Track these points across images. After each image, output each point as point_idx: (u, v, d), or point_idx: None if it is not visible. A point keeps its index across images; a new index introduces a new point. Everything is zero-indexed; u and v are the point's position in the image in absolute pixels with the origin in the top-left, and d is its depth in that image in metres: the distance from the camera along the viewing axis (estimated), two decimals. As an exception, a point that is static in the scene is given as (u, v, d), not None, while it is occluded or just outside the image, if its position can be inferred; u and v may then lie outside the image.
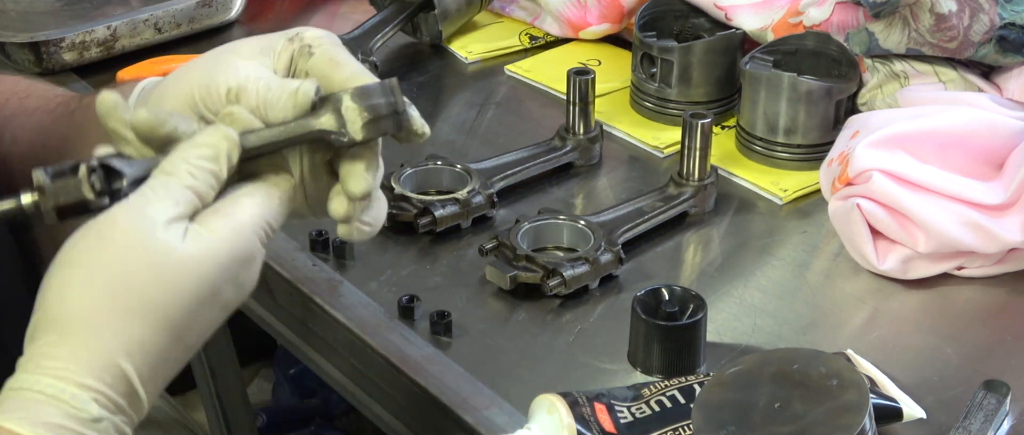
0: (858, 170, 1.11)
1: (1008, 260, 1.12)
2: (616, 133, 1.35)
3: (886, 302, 1.10)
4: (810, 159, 1.26)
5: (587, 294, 1.09)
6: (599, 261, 1.09)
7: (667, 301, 1.02)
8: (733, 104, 1.35)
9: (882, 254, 1.12)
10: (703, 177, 1.20)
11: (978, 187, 1.11)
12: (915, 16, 1.21)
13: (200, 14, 1.52)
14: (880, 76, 1.26)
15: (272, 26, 1.57)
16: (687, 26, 1.39)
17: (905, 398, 0.95)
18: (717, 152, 1.26)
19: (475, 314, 1.07)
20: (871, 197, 1.11)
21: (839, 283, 1.13)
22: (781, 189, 1.24)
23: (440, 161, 1.21)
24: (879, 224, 1.11)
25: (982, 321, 1.09)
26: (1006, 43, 1.21)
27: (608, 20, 1.47)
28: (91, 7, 1.50)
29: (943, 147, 1.14)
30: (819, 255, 1.17)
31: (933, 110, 1.18)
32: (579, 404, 0.90)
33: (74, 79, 1.44)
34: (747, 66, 1.27)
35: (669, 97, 1.34)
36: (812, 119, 1.25)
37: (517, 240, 1.10)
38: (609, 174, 1.29)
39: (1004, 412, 0.95)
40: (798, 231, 1.20)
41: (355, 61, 0.82)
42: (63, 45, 1.43)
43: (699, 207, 1.21)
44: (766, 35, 1.32)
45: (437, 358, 1.01)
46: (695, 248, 1.19)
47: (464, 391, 0.98)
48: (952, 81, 1.24)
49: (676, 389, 0.92)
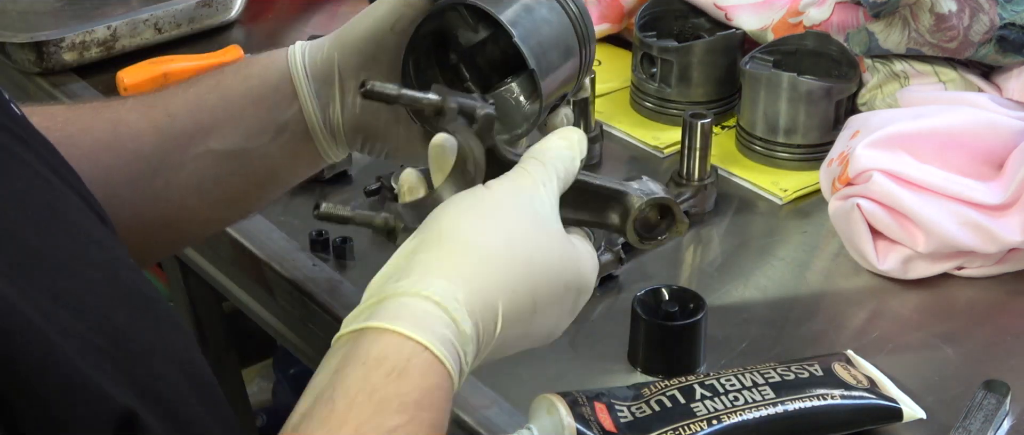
0: (858, 170, 1.11)
1: (1008, 260, 1.12)
2: (616, 133, 1.35)
3: (886, 302, 1.10)
4: (810, 159, 1.26)
5: (587, 294, 1.09)
6: (599, 261, 1.09)
7: (667, 301, 1.02)
8: (733, 104, 1.35)
9: (882, 254, 1.12)
10: (703, 177, 1.20)
11: (978, 187, 1.11)
12: (915, 16, 1.21)
13: (200, 14, 1.52)
14: (880, 76, 1.26)
15: (272, 26, 1.57)
16: (687, 26, 1.39)
17: (905, 398, 0.95)
18: (717, 152, 1.26)
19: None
20: (871, 197, 1.11)
21: (839, 283, 1.13)
22: (781, 189, 1.24)
23: (440, 161, 1.21)
24: (879, 224, 1.11)
25: (982, 321, 1.09)
26: (1006, 43, 1.21)
27: (608, 20, 1.47)
28: (91, 7, 1.50)
29: (943, 147, 1.13)
30: (819, 255, 1.17)
31: (933, 110, 1.18)
32: (579, 404, 0.90)
33: (74, 79, 1.44)
34: (747, 66, 1.27)
35: (669, 97, 1.34)
36: (812, 119, 1.25)
37: (517, 240, 1.10)
38: (609, 174, 1.28)
39: (1004, 412, 0.95)
40: (798, 231, 1.20)
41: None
42: (63, 45, 1.43)
43: (699, 207, 1.20)
44: (766, 35, 1.32)
45: (437, 358, 1.01)
46: (695, 248, 1.19)
47: (464, 391, 0.98)
48: (952, 81, 1.24)
49: (676, 389, 0.92)
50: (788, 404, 0.91)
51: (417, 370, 0.71)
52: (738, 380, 0.93)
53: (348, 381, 0.70)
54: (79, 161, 0.84)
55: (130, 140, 0.96)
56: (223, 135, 0.96)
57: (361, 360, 0.70)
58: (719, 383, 0.93)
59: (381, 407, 0.69)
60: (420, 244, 0.76)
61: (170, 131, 0.96)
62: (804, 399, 0.92)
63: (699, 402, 0.91)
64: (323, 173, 1.22)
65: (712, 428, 0.89)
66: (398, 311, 0.72)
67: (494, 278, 0.75)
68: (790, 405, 0.91)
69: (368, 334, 0.72)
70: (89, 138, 0.95)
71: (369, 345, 0.71)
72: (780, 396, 0.92)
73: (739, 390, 0.92)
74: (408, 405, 0.70)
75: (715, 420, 0.89)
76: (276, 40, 1.54)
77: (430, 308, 0.72)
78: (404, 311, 0.72)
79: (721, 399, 0.91)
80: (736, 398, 0.91)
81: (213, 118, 0.96)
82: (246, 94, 0.97)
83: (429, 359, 0.71)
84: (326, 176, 1.23)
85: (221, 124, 0.96)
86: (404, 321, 0.71)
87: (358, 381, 0.70)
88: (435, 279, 0.73)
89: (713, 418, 0.90)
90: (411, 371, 0.70)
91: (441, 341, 0.71)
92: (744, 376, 0.94)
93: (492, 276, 0.75)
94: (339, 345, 0.73)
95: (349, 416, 0.69)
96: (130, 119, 0.96)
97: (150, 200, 0.96)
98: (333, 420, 0.69)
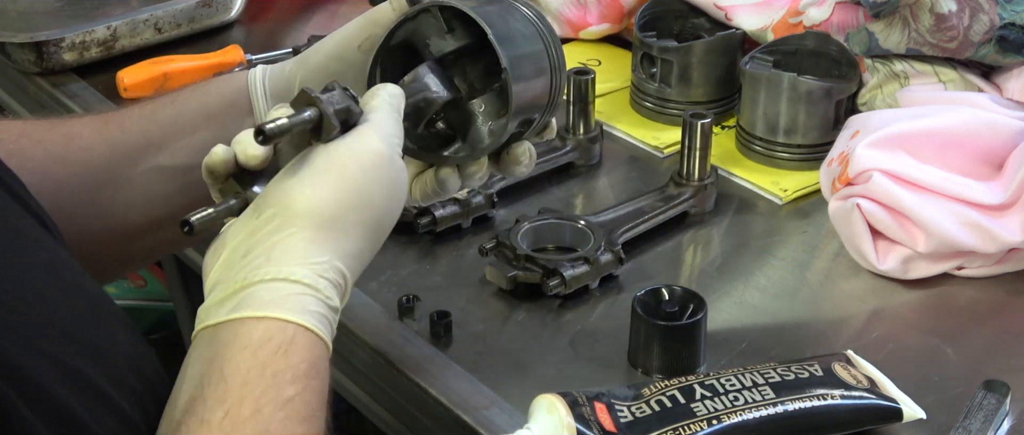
0: (858, 170, 1.11)
1: (1008, 260, 1.12)
2: (616, 133, 1.35)
3: (886, 302, 1.10)
4: (810, 159, 1.26)
5: (587, 294, 1.09)
6: (599, 261, 1.09)
7: (667, 301, 1.02)
8: (733, 104, 1.35)
9: (882, 254, 1.12)
10: (703, 177, 1.20)
11: (978, 187, 1.11)
12: (915, 16, 1.21)
13: (200, 14, 1.52)
14: (880, 76, 1.26)
15: (272, 26, 1.57)
16: (687, 26, 1.39)
17: (905, 398, 0.95)
18: (717, 152, 1.26)
19: (475, 314, 1.07)
20: (871, 197, 1.11)
21: (839, 283, 1.13)
22: (781, 189, 1.24)
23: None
24: (879, 224, 1.11)
25: (982, 321, 1.09)
26: (1006, 43, 1.21)
27: (608, 20, 1.47)
28: (91, 7, 1.49)
29: (943, 147, 1.13)
30: (819, 255, 1.17)
31: (933, 110, 1.18)
32: (579, 404, 0.90)
33: (74, 79, 1.44)
34: (747, 66, 1.27)
35: (669, 97, 1.34)
36: (812, 119, 1.25)
37: (517, 240, 1.10)
38: (609, 174, 1.29)
39: (1004, 412, 0.95)
40: (798, 231, 1.20)
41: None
42: (63, 45, 1.43)
43: (699, 207, 1.21)
44: (766, 35, 1.32)
45: (437, 358, 1.01)
46: (695, 248, 1.19)
47: (464, 391, 0.98)
48: (952, 81, 1.24)
49: (676, 389, 0.92)
50: (788, 404, 0.91)
51: (301, 345, 0.75)
52: (738, 380, 0.93)
53: (235, 362, 0.73)
54: (30, 173, 0.86)
55: (81, 152, 0.96)
56: (173, 152, 0.96)
57: (243, 344, 0.73)
58: (719, 383, 0.93)
59: (276, 380, 0.73)
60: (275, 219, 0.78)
61: (122, 145, 0.96)
62: (804, 399, 0.92)
63: (699, 402, 0.91)
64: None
65: (712, 428, 0.89)
66: (272, 296, 0.75)
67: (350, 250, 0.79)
68: (790, 405, 0.91)
69: (245, 322, 0.74)
70: (41, 150, 0.95)
71: (249, 331, 0.74)
72: (780, 396, 0.92)
73: (739, 390, 0.92)
74: (300, 376, 0.74)
75: (715, 420, 0.89)
76: (276, 40, 1.54)
77: (299, 289, 0.76)
78: (278, 296, 0.75)
79: (721, 399, 0.91)
80: (736, 398, 0.91)
81: (164, 133, 0.96)
82: (200, 109, 0.97)
83: (310, 336, 0.75)
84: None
85: (172, 140, 0.96)
86: (280, 307, 0.75)
87: (246, 360, 0.73)
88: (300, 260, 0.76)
89: (713, 418, 0.90)
90: (297, 347, 0.74)
91: (317, 319, 0.76)
92: (744, 376, 0.94)
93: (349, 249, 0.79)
94: (204, 338, 0.75)
95: (245, 391, 0.72)
96: (84, 133, 0.96)
97: (97, 214, 0.96)
98: (230, 398, 0.71)
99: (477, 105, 0.93)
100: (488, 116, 0.93)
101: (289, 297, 0.75)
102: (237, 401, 0.71)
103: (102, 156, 0.93)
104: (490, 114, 0.93)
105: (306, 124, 0.81)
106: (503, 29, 0.89)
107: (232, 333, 0.74)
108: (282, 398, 0.72)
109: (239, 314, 0.75)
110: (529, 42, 0.91)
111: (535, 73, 0.91)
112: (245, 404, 0.71)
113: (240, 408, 0.71)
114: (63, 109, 1.40)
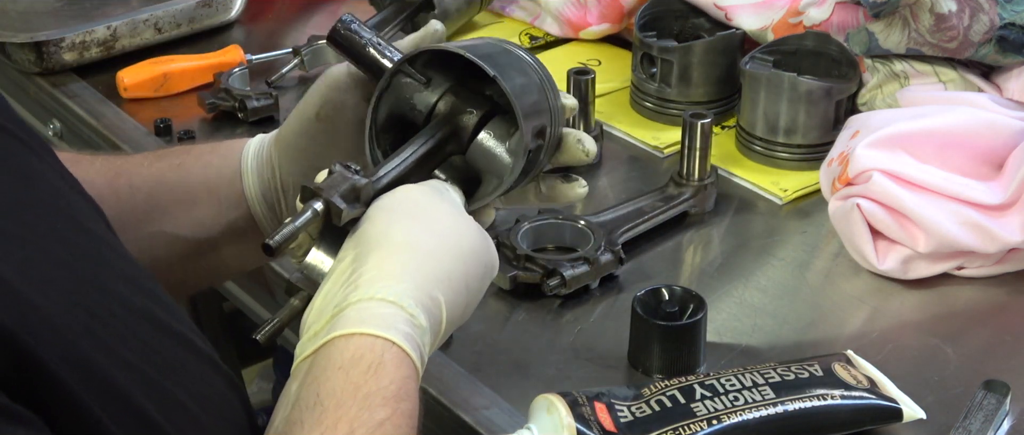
0: (858, 170, 1.11)
1: (1008, 260, 1.12)
2: (616, 133, 1.35)
3: (886, 302, 1.10)
4: (810, 159, 1.26)
5: (587, 294, 1.09)
6: (599, 261, 1.09)
7: (667, 301, 1.02)
8: (733, 104, 1.35)
9: (882, 254, 1.12)
10: (703, 177, 1.20)
11: (978, 187, 1.11)
12: (915, 16, 1.21)
13: (200, 14, 1.52)
14: (880, 76, 1.26)
15: (272, 26, 1.57)
16: (687, 26, 1.39)
17: (905, 398, 0.95)
18: (717, 152, 1.26)
19: (475, 314, 1.06)
20: (871, 197, 1.11)
21: (839, 283, 1.13)
22: (781, 189, 1.24)
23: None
24: (879, 224, 1.11)
25: (982, 321, 1.09)
26: (1006, 43, 1.21)
27: (608, 20, 1.47)
28: (91, 7, 1.49)
29: (943, 147, 1.13)
30: (819, 255, 1.17)
31: (933, 110, 1.18)
32: (579, 404, 0.90)
33: (74, 79, 1.44)
34: (747, 66, 1.27)
35: (669, 97, 1.34)
36: (812, 119, 1.25)
37: (517, 240, 1.10)
38: (609, 174, 1.29)
39: (1004, 412, 0.95)
40: (798, 231, 1.20)
41: None
42: (63, 45, 1.43)
43: (699, 207, 1.21)
44: (766, 35, 1.32)
45: (437, 358, 1.01)
46: (695, 248, 1.19)
47: (464, 391, 0.98)
48: (952, 81, 1.24)
49: (676, 389, 0.92)
50: (788, 404, 0.91)
51: (391, 364, 0.75)
52: (738, 380, 0.93)
53: (331, 384, 0.73)
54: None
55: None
56: (177, 220, 0.97)
57: (336, 365, 0.74)
58: (719, 383, 0.93)
59: (367, 402, 0.73)
60: (356, 258, 0.79)
61: (130, 202, 0.97)
62: (804, 399, 0.92)
63: (699, 402, 0.91)
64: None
65: (712, 428, 0.89)
66: (360, 316, 0.75)
67: (433, 273, 0.80)
68: (790, 405, 0.91)
69: (336, 343, 0.75)
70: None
71: (341, 350, 0.74)
72: (780, 396, 0.92)
73: (739, 390, 0.92)
74: (389, 398, 0.73)
75: (715, 420, 0.89)
76: (276, 40, 1.54)
77: (388, 308, 0.76)
78: (366, 314, 0.76)
79: (721, 399, 0.91)
80: (736, 398, 0.91)
81: (171, 198, 0.97)
82: (204, 182, 0.98)
83: (399, 353, 0.75)
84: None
85: (176, 209, 0.97)
86: (369, 323, 0.75)
87: (340, 382, 0.73)
88: (385, 282, 0.77)
89: (713, 418, 0.90)
90: (386, 365, 0.74)
91: (404, 337, 0.76)
92: (744, 376, 0.94)
93: (431, 271, 0.79)
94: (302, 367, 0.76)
95: (340, 414, 0.72)
96: (96, 182, 0.96)
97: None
98: (326, 420, 0.72)
99: (484, 138, 0.91)
100: (500, 139, 0.91)
101: (376, 315, 0.76)
102: (332, 425, 0.72)
103: (111, 208, 0.92)
104: (501, 137, 0.91)
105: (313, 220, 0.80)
106: (477, 51, 0.88)
107: (325, 356, 0.75)
108: (374, 422, 0.72)
109: (331, 335, 0.75)
110: (502, 55, 0.90)
111: (521, 73, 0.90)
112: (339, 427, 0.72)
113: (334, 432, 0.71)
114: (63, 109, 1.40)
